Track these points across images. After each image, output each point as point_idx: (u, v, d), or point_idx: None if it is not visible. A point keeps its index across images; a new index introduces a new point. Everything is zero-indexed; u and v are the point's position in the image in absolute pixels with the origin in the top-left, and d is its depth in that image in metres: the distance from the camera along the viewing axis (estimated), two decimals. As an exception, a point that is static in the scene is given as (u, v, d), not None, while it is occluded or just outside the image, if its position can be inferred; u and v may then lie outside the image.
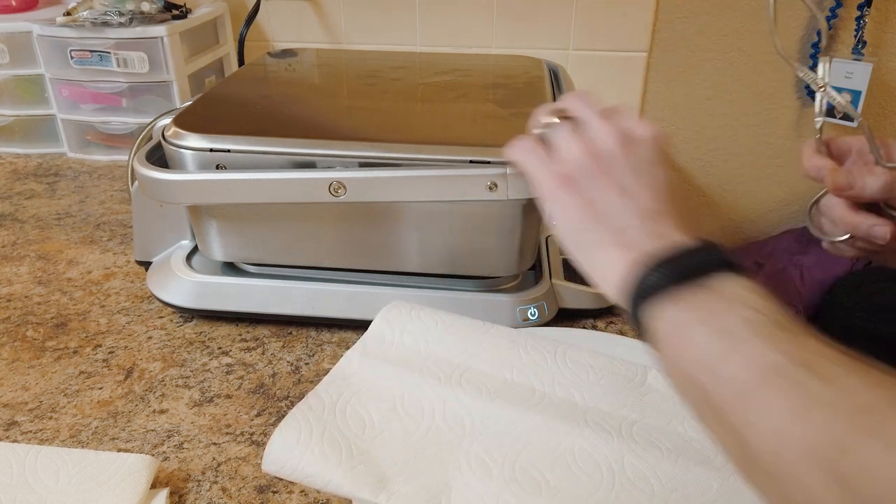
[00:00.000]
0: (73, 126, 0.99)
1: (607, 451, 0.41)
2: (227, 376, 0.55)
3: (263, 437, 0.49)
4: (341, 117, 0.61)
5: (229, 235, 0.59)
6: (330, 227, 0.58)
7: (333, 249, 0.59)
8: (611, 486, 0.39)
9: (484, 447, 0.41)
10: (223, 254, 0.60)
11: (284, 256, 0.60)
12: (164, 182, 0.54)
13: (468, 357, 0.47)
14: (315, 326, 0.61)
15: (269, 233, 0.59)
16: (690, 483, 0.39)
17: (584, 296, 0.61)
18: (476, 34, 1.10)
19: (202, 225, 0.59)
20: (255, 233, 0.59)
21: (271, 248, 0.59)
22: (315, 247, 0.59)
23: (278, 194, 0.54)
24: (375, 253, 0.59)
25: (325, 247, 0.59)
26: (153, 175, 0.54)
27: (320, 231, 0.58)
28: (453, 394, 0.44)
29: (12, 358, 0.58)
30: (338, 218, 0.57)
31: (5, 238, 0.77)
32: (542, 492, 0.38)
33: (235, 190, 0.53)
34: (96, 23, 0.90)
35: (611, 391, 0.46)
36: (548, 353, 0.48)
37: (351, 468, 0.39)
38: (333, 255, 0.60)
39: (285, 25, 1.13)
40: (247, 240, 0.59)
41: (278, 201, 0.54)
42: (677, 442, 0.42)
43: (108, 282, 0.68)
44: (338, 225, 0.58)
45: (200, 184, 0.54)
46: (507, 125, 0.59)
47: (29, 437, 0.49)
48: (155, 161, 0.56)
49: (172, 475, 0.46)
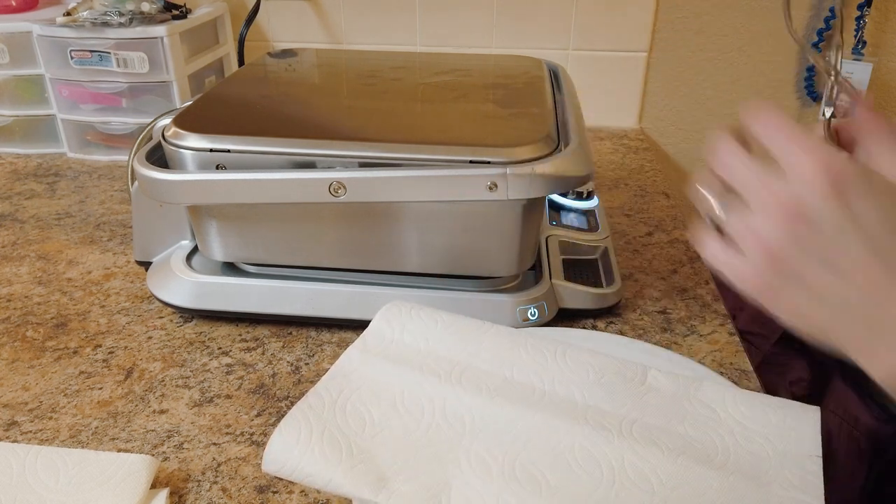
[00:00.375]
0: (73, 126, 0.99)
1: (607, 450, 0.41)
2: (227, 376, 0.55)
3: (263, 438, 0.49)
4: (341, 117, 0.61)
5: (229, 235, 0.59)
6: (330, 227, 0.58)
7: (333, 249, 0.59)
8: (611, 484, 0.39)
9: (484, 445, 0.41)
10: (223, 254, 0.60)
11: (284, 256, 0.60)
12: (164, 182, 0.54)
13: (468, 356, 0.47)
14: (315, 326, 0.61)
15: (269, 233, 0.59)
16: (691, 482, 0.39)
17: (584, 296, 0.61)
18: (476, 34, 1.10)
19: (202, 225, 0.59)
20: (255, 233, 0.59)
21: (271, 248, 0.59)
22: (315, 247, 0.59)
23: (278, 194, 0.54)
24: (375, 253, 0.59)
25: (325, 247, 0.59)
26: (153, 175, 0.54)
27: (320, 231, 0.58)
28: (453, 392, 0.44)
29: (12, 358, 0.58)
30: (338, 218, 0.57)
31: (5, 238, 0.77)
32: (541, 490, 0.38)
33: (235, 190, 0.53)
34: (96, 23, 0.90)
35: (611, 390, 0.46)
36: (548, 353, 0.48)
37: (351, 467, 0.39)
38: (333, 255, 0.60)
39: (285, 25, 1.13)
40: (247, 240, 0.59)
41: (278, 201, 0.54)
42: (678, 441, 0.42)
43: (108, 282, 0.68)
44: (338, 225, 0.58)
45: (200, 184, 0.54)
46: (508, 125, 0.59)
47: (29, 438, 0.49)
48: (155, 161, 0.56)
49: (172, 475, 0.46)
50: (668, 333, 0.61)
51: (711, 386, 0.45)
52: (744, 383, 0.55)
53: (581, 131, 0.57)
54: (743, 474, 0.39)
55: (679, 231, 0.78)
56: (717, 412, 0.44)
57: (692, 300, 0.65)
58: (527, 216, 0.56)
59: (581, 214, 0.73)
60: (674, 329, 0.61)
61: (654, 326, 0.62)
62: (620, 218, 0.82)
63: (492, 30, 1.09)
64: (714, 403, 0.44)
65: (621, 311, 0.63)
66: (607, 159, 1.01)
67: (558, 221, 0.71)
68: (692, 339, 0.60)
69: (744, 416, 0.43)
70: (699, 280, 0.69)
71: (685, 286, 0.68)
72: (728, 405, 0.44)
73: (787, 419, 0.43)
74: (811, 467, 0.40)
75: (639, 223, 0.80)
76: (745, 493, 0.38)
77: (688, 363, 0.52)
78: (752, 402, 0.44)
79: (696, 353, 0.58)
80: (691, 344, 0.59)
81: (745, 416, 0.43)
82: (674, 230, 0.79)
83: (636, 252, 0.74)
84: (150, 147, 0.58)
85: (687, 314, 0.63)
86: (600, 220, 0.72)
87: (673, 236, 0.77)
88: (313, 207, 0.56)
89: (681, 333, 0.61)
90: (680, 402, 0.44)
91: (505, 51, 1.09)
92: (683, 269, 0.71)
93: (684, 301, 0.65)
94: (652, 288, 0.67)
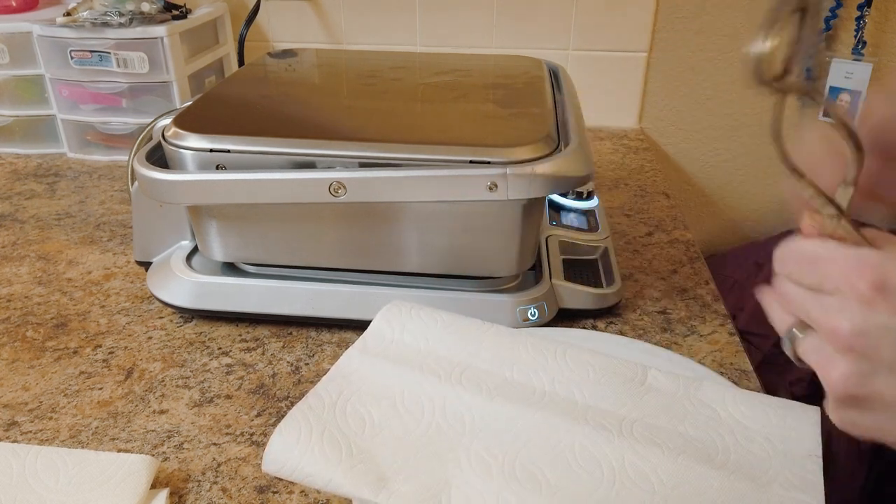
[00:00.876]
0: (73, 126, 0.99)
1: (608, 450, 0.41)
2: (227, 376, 0.55)
3: (263, 438, 0.49)
4: (341, 117, 0.61)
5: (229, 235, 0.59)
6: (330, 227, 0.58)
7: (333, 249, 0.59)
8: (611, 484, 0.39)
9: (484, 444, 0.41)
10: (223, 254, 0.60)
11: (284, 256, 0.60)
12: (165, 182, 0.54)
13: (468, 355, 0.47)
14: (315, 326, 0.61)
15: (269, 233, 0.59)
16: (691, 482, 0.39)
17: (584, 296, 0.61)
18: (476, 34, 1.10)
19: (202, 225, 0.59)
20: (255, 233, 0.59)
21: (271, 248, 0.59)
22: (315, 247, 0.59)
23: (278, 194, 0.54)
24: (375, 253, 0.59)
25: (325, 247, 0.59)
26: (153, 175, 0.54)
27: (320, 231, 0.58)
28: (453, 391, 0.44)
29: (12, 358, 0.58)
30: (338, 218, 0.57)
31: (5, 238, 0.77)
32: (542, 490, 0.38)
33: (235, 190, 0.53)
34: (96, 23, 0.90)
35: (611, 390, 0.46)
36: (548, 353, 0.48)
37: (351, 467, 0.39)
38: (333, 255, 0.60)
39: (285, 25, 1.13)
40: (247, 240, 0.59)
41: (278, 201, 0.54)
42: (678, 441, 0.42)
43: (108, 282, 0.68)
44: (338, 225, 0.58)
45: (200, 184, 0.54)
46: (508, 125, 0.59)
47: (29, 438, 0.49)
48: (155, 161, 0.56)
49: (172, 475, 0.46)
50: (668, 333, 0.61)
51: (711, 386, 0.45)
52: (744, 383, 0.55)
53: (581, 131, 0.57)
54: (743, 474, 0.39)
55: (679, 231, 0.78)
56: (718, 412, 0.44)
57: (692, 300, 0.65)
58: (526, 216, 0.56)
59: (581, 214, 0.73)
60: (674, 329, 0.61)
61: (654, 326, 0.62)
62: (620, 218, 0.82)
63: (492, 30, 1.09)
64: (714, 403, 0.44)
65: (621, 312, 0.63)
66: (607, 159, 1.01)
67: (558, 221, 0.71)
68: (692, 339, 0.60)
69: (744, 415, 0.43)
70: (699, 280, 0.69)
71: (685, 286, 0.68)
72: (728, 405, 0.44)
73: (787, 419, 0.43)
74: (811, 467, 0.40)
75: (639, 223, 0.80)
76: (746, 492, 0.38)
77: (688, 363, 0.52)
78: (752, 402, 0.44)
79: (696, 354, 0.58)
80: (691, 344, 0.59)
81: (745, 415, 0.43)
82: (674, 230, 0.79)
83: (636, 252, 0.74)
84: (150, 147, 0.58)
85: (687, 314, 0.63)
86: (600, 220, 0.72)
87: (673, 236, 0.77)
88: (313, 207, 0.56)
89: (681, 333, 0.61)
90: (680, 402, 0.44)
91: (505, 51, 1.09)
92: (683, 269, 0.71)
93: (684, 301, 0.65)
94: (652, 288, 0.67)
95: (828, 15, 1.04)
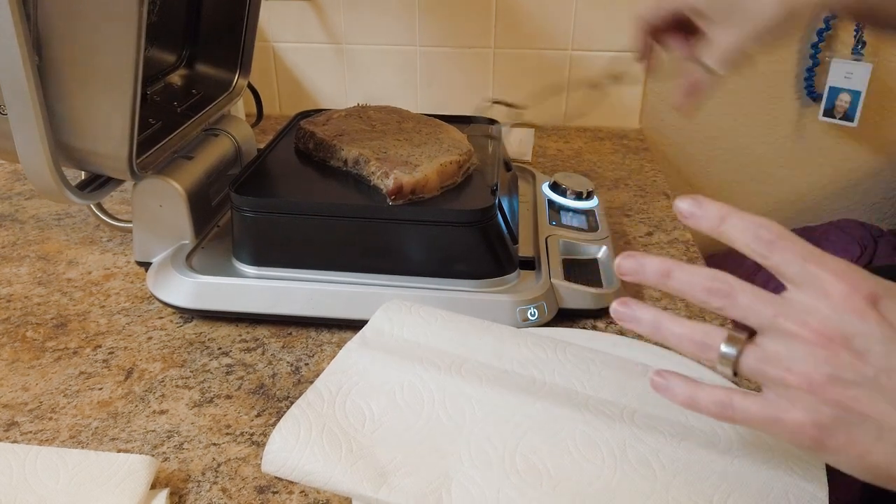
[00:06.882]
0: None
1: (608, 435, 0.41)
2: (227, 377, 0.55)
3: (263, 438, 0.49)
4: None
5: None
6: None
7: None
8: (613, 471, 0.39)
9: (484, 435, 0.41)
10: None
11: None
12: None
13: (468, 350, 0.47)
14: (315, 326, 0.61)
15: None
16: (693, 467, 0.39)
17: (584, 296, 0.61)
18: (476, 34, 1.10)
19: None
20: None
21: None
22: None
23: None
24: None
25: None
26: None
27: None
28: (453, 383, 0.44)
29: (12, 358, 0.58)
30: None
31: (5, 238, 0.77)
32: (542, 481, 0.38)
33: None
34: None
35: (612, 381, 0.46)
36: (548, 349, 0.48)
37: (351, 464, 0.39)
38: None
39: (285, 25, 1.13)
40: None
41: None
42: (680, 428, 0.42)
43: (108, 282, 0.68)
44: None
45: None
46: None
47: (29, 438, 0.49)
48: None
49: (172, 475, 0.46)
50: (669, 333, 0.61)
51: (713, 380, 0.45)
52: (744, 383, 0.55)
53: None
54: (746, 461, 0.39)
55: (679, 231, 0.78)
56: None
57: (692, 300, 0.65)
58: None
59: (581, 214, 0.73)
60: (674, 329, 0.61)
61: (654, 326, 0.61)
62: (620, 218, 0.82)
63: (492, 30, 1.09)
64: None
65: (621, 311, 0.63)
66: (607, 159, 1.01)
67: (558, 221, 0.71)
68: (692, 339, 0.60)
69: None
70: (699, 280, 0.68)
71: (685, 286, 0.67)
72: None
73: None
74: (814, 458, 0.40)
75: (639, 223, 0.80)
76: (749, 479, 0.38)
77: (688, 363, 0.52)
78: None
79: (697, 353, 0.58)
80: (691, 344, 0.59)
81: None
82: (674, 230, 0.79)
83: (636, 252, 0.74)
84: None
85: (687, 314, 0.63)
86: (600, 220, 0.72)
87: (673, 236, 0.77)
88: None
89: (681, 333, 0.61)
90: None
91: (505, 50, 1.09)
92: (683, 269, 0.71)
93: (684, 301, 0.65)
94: (652, 288, 0.67)
95: (828, 15, 1.04)
